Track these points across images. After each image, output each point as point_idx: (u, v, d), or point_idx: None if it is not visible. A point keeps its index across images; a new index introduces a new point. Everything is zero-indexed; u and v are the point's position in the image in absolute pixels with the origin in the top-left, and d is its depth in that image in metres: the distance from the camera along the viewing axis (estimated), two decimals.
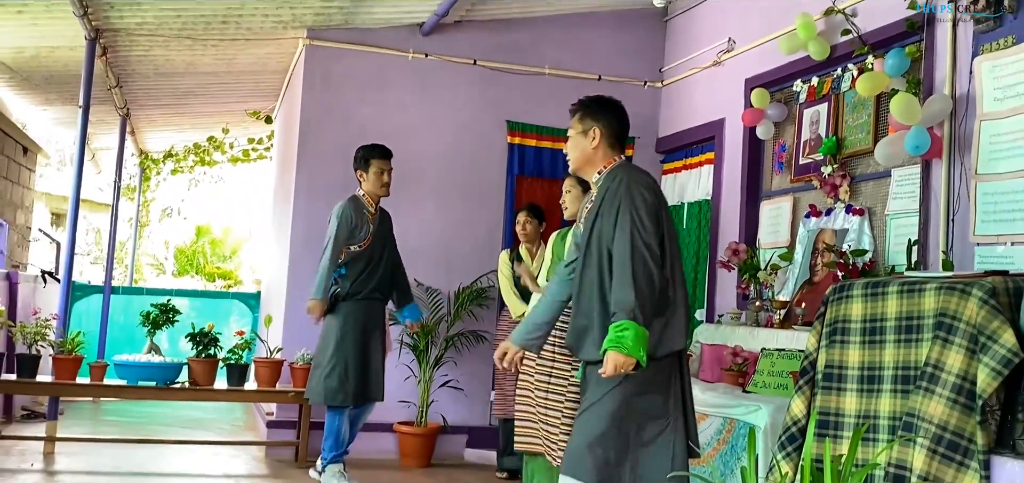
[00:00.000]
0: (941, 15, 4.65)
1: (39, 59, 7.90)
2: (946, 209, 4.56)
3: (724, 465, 4.46)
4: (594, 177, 3.56)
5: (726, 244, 5.94)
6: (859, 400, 3.45)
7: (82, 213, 11.13)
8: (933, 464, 3.05)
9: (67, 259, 6.86)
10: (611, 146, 3.56)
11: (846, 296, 3.61)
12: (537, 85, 7.35)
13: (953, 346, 3.10)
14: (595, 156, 3.55)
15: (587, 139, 3.55)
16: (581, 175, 3.65)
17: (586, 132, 3.55)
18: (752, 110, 5.95)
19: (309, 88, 7.01)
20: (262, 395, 6.68)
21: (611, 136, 3.55)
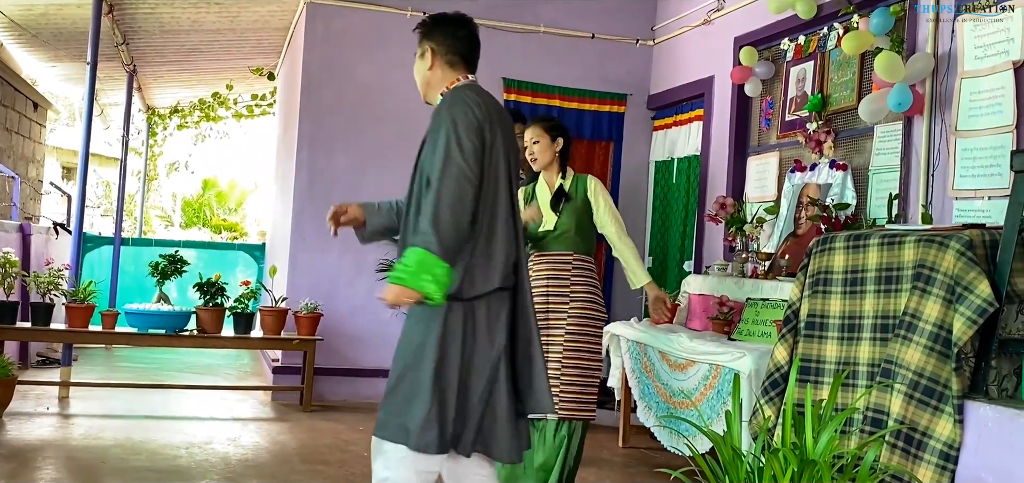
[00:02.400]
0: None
1: (48, 16, 7.84)
2: (926, 164, 4.56)
3: (710, 409, 4.50)
4: (437, 102, 3.10)
5: (714, 198, 5.94)
6: (840, 348, 3.48)
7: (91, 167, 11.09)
8: (909, 409, 3.08)
9: (78, 211, 6.85)
10: (450, 65, 3.08)
11: (829, 248, 3.62)
12: (533, 43, 7.31)
13: (930, 296, 3.12)
14: (433, 78, 3.10)
15: (424, 61, 3.11)
16: (429, 101, 3.17)
17: (423, 54, 3.11)
18: (740, 68, 5.93)
19: (310, 45, 6.96)
20: (268, 343, 6.70)
21: (448, 53, 3.07)
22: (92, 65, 6.85)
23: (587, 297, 4.37)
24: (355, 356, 6.95)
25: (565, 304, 4.35)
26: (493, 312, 2.92)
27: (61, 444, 5.09)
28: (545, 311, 4.32)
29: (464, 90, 3.00)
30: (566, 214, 4.40)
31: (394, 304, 2.77)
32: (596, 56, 7.43)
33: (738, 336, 4.78)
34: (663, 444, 4.95)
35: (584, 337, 4.33)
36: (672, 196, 7.15)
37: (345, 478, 4.69)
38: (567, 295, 4.36)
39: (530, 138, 4.48)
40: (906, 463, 3.06)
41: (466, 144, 2.82)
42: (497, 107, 3.04)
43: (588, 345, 4.34)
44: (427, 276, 2.69)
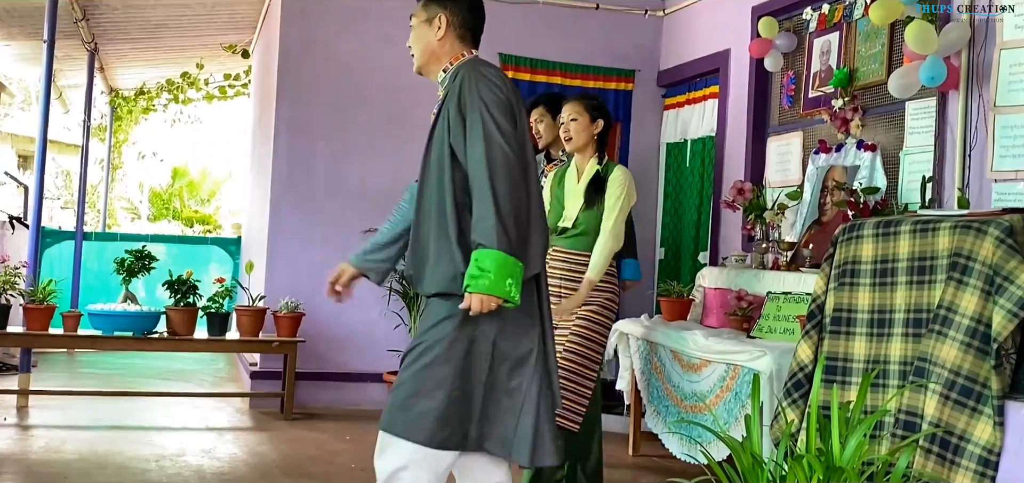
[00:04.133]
0: None
1: None
2: (962, 144, 4.56)
3: (728, 413, 4.51)
4: (439, 77, 3.12)
5: (731, 183, 5.94)
6: (868, 344, 3.48)
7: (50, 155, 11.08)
8: (945, 410, 3.09)
9: (36, 204, 6.85)
10: (461, 38, 3.12)
11: (856, 236, 3.63)
12: (532, 16, 7.30)
13: (967, 287, 3.13)
14: (441, 50, 3.10)
15: (432, 29, 3.09)
16: (425, 74, 3.18)
17: (431, 20, 3.10)
18: (759, 40, 5.93)
19: (288, 20, 6.95)
20: (244, 345, 6.71)
21: (461, 26, 3.11)
22: (49, 43, 6.85)
23: (600, 302, 4.37)
24: (340, 359, 6.96)
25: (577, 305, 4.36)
26: (526, 302, 2.94)
27: (19, 458, 5.10)
28: (557, 303, 4.32)
29: (482, 66, 3.01)
30: (595, 209, 4.39)
31: (480, 312, 2.78)
32: (601, 29, 7.43)
33: (758, 333, 4.78)
34: (672, 452, 4.96)
35: (586, 343, 4.33)
36: (685, 181, 7.15)
37: None
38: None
39: (567, 115, 4.49)
40: (942, 469, 3.07)
41: (505, 126, 2.86)
42: (512, 83, 3.08)
43: (588, 352, 4.33)
44: (509, 279, 2.74)
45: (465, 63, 3.05)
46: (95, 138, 12.64)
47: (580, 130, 4.45)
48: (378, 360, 6.98)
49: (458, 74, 2.99)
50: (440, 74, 3.11)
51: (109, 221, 14.46)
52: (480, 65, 3.02)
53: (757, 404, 3.03)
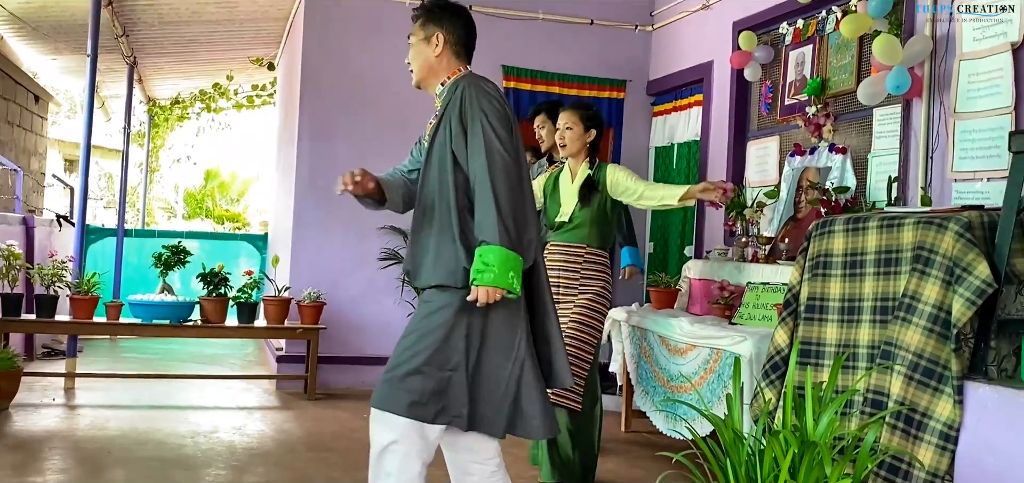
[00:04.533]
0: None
1: (47, 9, 7.83)
2: (925, 147, 4.56)
3: (711, 393, 4.50)
4: (437, 89, 3.11)
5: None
6: (840, 330, 3.48)
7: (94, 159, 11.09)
8: (909, 390, 3.09)
9: (81, 203, 6.85)
10: (456, 55, 3.09)
11: (828, 231, 3.62)
12: (532, 30, 7.30)
13: (930, 278, 3.13)
14: (438, 65, 3.08)
15: (430, 46, 3.07)
16: (424, 87, 3.18)
17: (429, 38, 3.07)
18: (740, 53, 5.92)
19: (310, 34, 6.95)
20: (271, 332, 6.72)
21: (456, 44, 3.09)
22: (92, 57, 6.85)
23: (595, 291, 4.36)
24: (358, 344, 6.97)
25: (573, 295, 4.35)
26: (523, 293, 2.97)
27: (67, 435, 5.11)
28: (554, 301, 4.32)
29: (480, 81, 3.02)
30: (590, 206, 4.40)
31: (486, 303, 2.81)
32: (595, 42, 7.42)
33: (739, 320, 4.78)
34: (659, 429, 4.96)
35: (584, 328, 4.32)
36: (672, 182, 7.14)
37: (350, 465, 4.70)
38: (576, 287, 4.37)
39: (563, 123, 4.46)
40: (906, 444, 3.07)
41: (503, 135, 2.90)
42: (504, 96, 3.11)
43: (585, 336, 4.32)
44: (511, 272, 2.78)
45: (464, 77, 3.04)
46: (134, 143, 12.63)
47: (574, 138, 4.44)
48: (392, 345, 6.94)
49: (458, 87, 3.00)
50: (438, 87, 3.11)
51: (147, 219, 14.46)
52: (478, 80, 3.02)
53: (738, 385, 3.03)
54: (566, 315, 4.32)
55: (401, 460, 2.83)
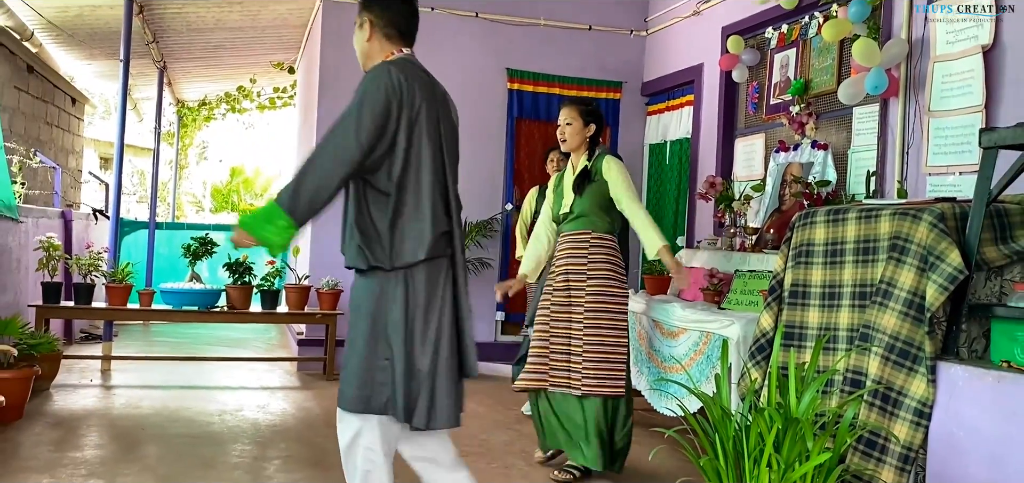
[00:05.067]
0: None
1: (82, 17, 7.83)
2: (902, 143, 4.55)
3: (701, 373, 4.50)
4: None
5: (704, 177, 5.93)
6: (821, 314, 3.48)
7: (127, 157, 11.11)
8: (886, 370, 3.09)
9: (115, 198, 6.87)
10: (388, 38, 2.83)
11: (810, 222, 3.62)
12: (534, 35, 7.29)
13: (905, 265, 3.12)
14: (371, 50, 2.85)
15: (362, 32, 2.87)
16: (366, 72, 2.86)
17: (362, 25, 2.87)
18: (728, 55, 5.90)
19: (327, 41, 6.95)
20: (293, 317, 6.73)
21: (386, 27, 2.83)
22: (125, 62, 6.86)
23: (605, 274, 4.15)
24: None
25: (583, 282, 4.16)
26: (432, 282, 2.74)
27: (103, 413, 5.13)
28: (566, 290, 4.18)
29: (391, 64, 2.73)
30: (587, 195, 4.22)
31: (237, 244, 2.62)
32: (593, 46, 7.41)
33: (727, 305, 4.78)
34: (654, 407, 4.96)
35: (602, 314, 4.11)
36: (665, 176, 7.14)
37: None
38: (585, 273, 4.18)
39: (563, 119, 4.28)
40: (883, 420, 3.07)
41: (364, 119, 2.62)
42: (427, 82, 2.80)
43: (607, 321, 4.11)
44: (270, 227, 2.55)
45: (391, 60, 2.79)
46: (165, 142, 12.66)
47: (574, 133, 4.27)
48: None
49: (374, 69, 2.76)
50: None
51: (177, 213, 14.48)
52: (392, 64, 2.74)
53: (726, 365, 3.03)
54: (581, 304, 4.14)
55: (364, 453, 2.70)
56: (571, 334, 4.14)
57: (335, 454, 4.41)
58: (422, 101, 2.72)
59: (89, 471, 3.89)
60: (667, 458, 4.50)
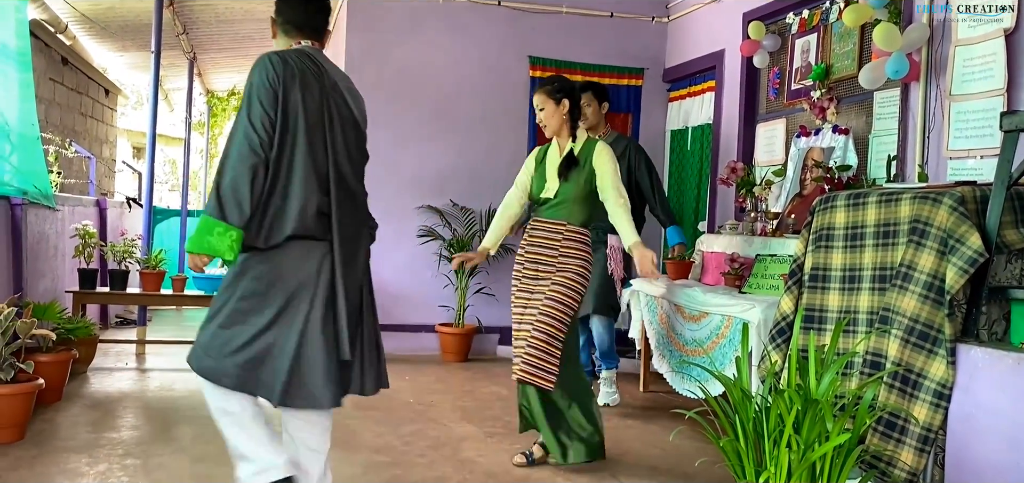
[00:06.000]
0: None
1: (114, 10, 7.92)
2: (923, 127, 4.51)
3: (722, 356, 4.51)
4: None
5: (726, 163, 5.91)
6: (841, 297, 3.47)
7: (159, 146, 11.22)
8: (905, 352, 3.08)
9: (148, 187, 6.96)
10: (287, 33, 2.92)
11: (831, 206, 3.61)
12: (556, 23, 7.28)
13: (925, 249, 3.11)
14: (277, 46, 2.93)
15: (272, 32, 2.99)
16: None
17: (272, 26, 2.99)
18: (749, 41, 5.87)
19: (352, 32, 6.98)
20: None
21: (285, 23, 2.92)
22: (156, 54, 6.93)
23: (573, 270, 3.94)
24: (399, 313, 7.03)
25: (551, 272, 3.96)
26: (301, 263, 2.76)
27: (138, 395, 5.21)
28: (534, 277, 4.02)
29: (272, 53, 2.77)
30: (572, 181, 3.99)
31: (195, 269, 2.74)
32: (614, 33, 7.39)
33: (748, 289, 4.77)
34: (675, 389, 4.97)
35: (558, 306, 3.90)
36: (687, 162, 7.12)
37: (393, 421, 4.76)
38: (554, 265, 3.97)
39: (537, 106, 4.08)
40: (903, 402, 3.07)
41: (255, 107, 2.68)
42: (316, 70, 2.83)
43: (559, 315, 3.90)
44: (208, 237, 2.62)
45: (271, 51, 2.83)
46: (195, 132, 12.78)
47: (550, 116, 4.03)
48: (431, 313, 7.05)
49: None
50: None
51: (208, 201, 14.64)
52: (276, 52, 2.78)
53: (746, 349, 3.04)
54: (542, 293, 3.96)
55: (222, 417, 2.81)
56: (524, 321, 4.00)
57: (363, 435, 4.47)
58: (301, 86, 2.75)
59: (125, 451, 3.96)
60: (687, 440, 4.52)
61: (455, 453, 4.20)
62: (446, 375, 6.17)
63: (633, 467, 4.10)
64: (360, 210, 2.94)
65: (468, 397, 5.50)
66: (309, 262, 2.76)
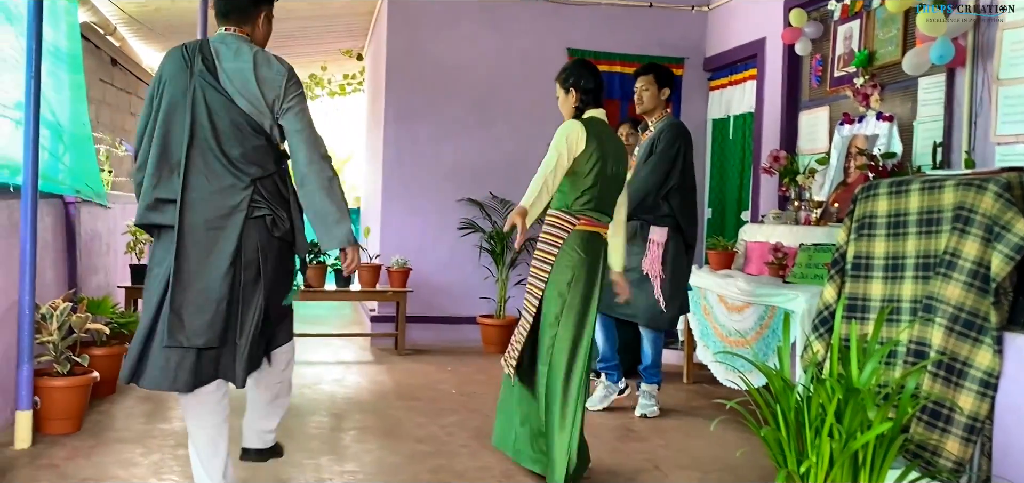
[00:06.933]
0: None
1: (161, 11, 8.09)
2: (969, 113, 4.44)
3: (766, 347, 4.50)
4: None
5: (768, 151, 5.87)
6: (884, 286, 3.45)
7: None
8: (950, 341, 3.05)
9: None
10: (217, 22, 3.08)
11: (873, 194, 3.58)
12: (595, 14, 7.28)
13: (969, 236, 3.08)
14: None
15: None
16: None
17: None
18: (791, 29, 5.82)
19: (393, 27, 7.06)
20: (365, 295, 6.89)
21: (215, 12, 3.07)
22: None
23: (537, 256, 3.77)
24: (441, 305, 7.10)
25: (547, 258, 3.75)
26: (161, 246, 2.91)
27: None
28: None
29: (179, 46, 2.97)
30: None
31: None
32: (653, 23, 7.36)
33: (792, 279, 4.74)
34: (718, 378, 4.97)
35: (526, 296, 3.78)
36: (729, 151, 7.08)
37: (435, 412, 4.83)
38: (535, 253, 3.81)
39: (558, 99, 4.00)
40: (948, 391, 3.04)
41: (146, 97, 2.92)
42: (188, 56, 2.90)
43: (526, 304, 3.76)
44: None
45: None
46: None
47: (561, 104, 3.96)
48: (472, 305, 7.11)
49: None
50: None
51: None
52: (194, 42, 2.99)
53: (788, 338, 3.04)
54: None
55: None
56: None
57: (407, 425, 4.54)
58: (169, 74, 2.88)
59: (177, 441, 4.07)
60: (730, 430, 4.51)
61: None
62: (488, 366, 6.23)
63: (675, 456, 4.12)
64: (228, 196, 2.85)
65: None
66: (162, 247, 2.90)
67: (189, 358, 2.85)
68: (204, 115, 2.83)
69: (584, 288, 3.66)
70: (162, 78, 2.88)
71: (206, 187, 2.83)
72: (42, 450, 3.89)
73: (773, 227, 5.34)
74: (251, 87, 2.90)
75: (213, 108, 2.85)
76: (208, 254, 2.83)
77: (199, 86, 2.85)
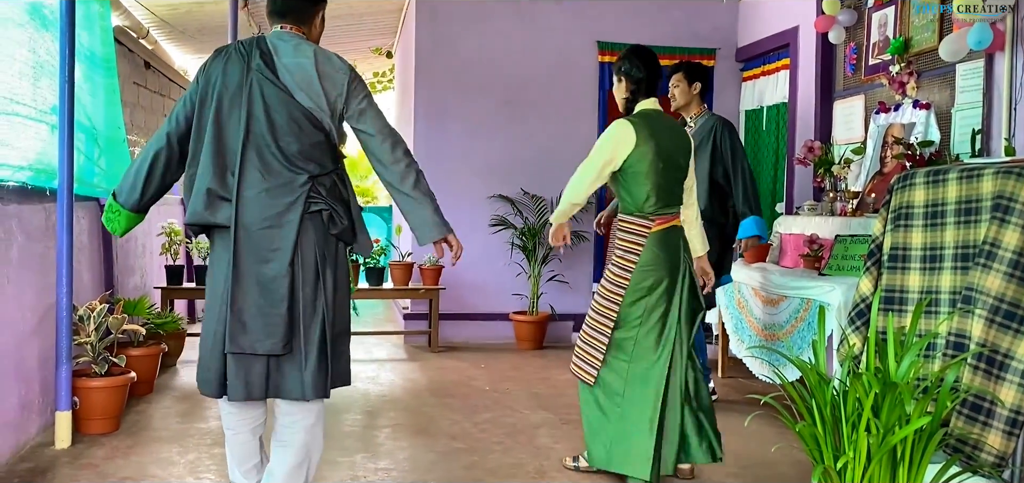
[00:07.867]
0: None
1: (191, 13, 8.20)
2: (1009, 99, 4.36)
3: (801, 341, 4.46)
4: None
5: (803, 142, 5.81)
6: (922, 278, 3.40)
7: None
8: (991, 333, 3.01)
9: None
10: (269, 20, 3.04)
11: (910, 184, 3.53)
12: (624, 6, 7.25)
13: (1009, 225, 3.02)
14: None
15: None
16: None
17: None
18: (824, 17, 5.75)
19: (422, 24, 7.09)
20: (397, 293, 6.93)
21: (267, 13, 3.02)
22: None
23: (612, 261, 3.71)
24: (473, 302, 7.13)
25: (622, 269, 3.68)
26: (216, 249, 2.84)
27: None
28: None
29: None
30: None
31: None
32: (684, 15, 7.32)
33: (828, 271, 4.70)
34: (753, 372, 4.93)
35: (597, 299, 3.71)
36: (762, 142, 7.02)
37: (468, 408, 4.85)
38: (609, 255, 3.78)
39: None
40: (988, 383, 3.00)
41: (179, 99, 2.90)
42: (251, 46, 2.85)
43: (597, 307, 3.69)
44: (108, 213, 2.95)
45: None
46: None
47: (617, 94, 3.83)
48: (505, 302, 7.12)
49: None
50: None
51: None
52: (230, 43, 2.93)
53: (823, 332, 3.01)
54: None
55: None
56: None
57: (440, 422, 4.57)
58: (220, 71, 2.81)
59: (213, 440, 4.14)
60: (765, 425, 4.48)
61: (531, 440, 4.26)
62: (521, 362, 6.24)
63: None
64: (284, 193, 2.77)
65: (543, 384, 5.55)
66: (216, 251, 2.85)
67: (258, 365, 2.79)
68: (260, 110, 2.76)
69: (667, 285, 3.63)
70: (211, 76, 2.80)
71: (262, 184, 2.75)
72: (82, 450, 3.97)
73: (808, 218, 5.29)
74: (313, 83, 2.84)
75: (270, 103, 2.77)
76: (265, 252, 2.75)
77: (256, 81, 2.77)
